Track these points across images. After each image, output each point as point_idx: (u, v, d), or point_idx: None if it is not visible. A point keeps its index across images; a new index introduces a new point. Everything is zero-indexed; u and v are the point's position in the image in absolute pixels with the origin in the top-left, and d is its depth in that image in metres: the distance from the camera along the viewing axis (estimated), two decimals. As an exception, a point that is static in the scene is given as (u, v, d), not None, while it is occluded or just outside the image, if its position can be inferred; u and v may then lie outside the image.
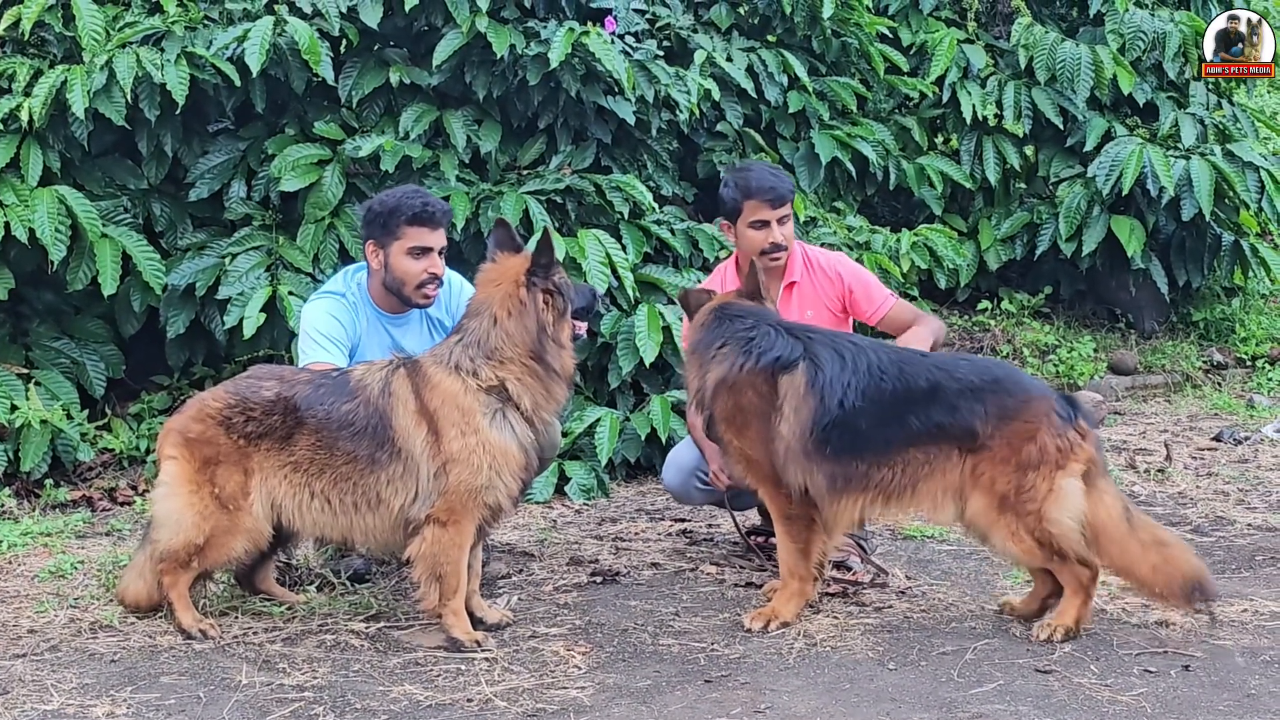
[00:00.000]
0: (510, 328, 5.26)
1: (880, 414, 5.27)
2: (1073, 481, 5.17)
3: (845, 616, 5.58)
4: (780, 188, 6.15)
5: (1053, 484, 5.14)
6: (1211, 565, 6.26)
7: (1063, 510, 5.15)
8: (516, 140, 8.68)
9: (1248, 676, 4.90)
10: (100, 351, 7.97)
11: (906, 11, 11.25)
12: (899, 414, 5.27)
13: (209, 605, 5.66)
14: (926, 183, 10.68)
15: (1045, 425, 5.18)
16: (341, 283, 6.06)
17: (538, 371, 5.28)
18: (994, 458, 5.19)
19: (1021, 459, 5.16)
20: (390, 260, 5.84)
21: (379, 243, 5.85)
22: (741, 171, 6.30)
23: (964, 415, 5.22)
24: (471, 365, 5.25)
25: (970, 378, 5.27)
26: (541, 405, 5.33)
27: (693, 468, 6.42)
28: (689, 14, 9.83)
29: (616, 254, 8.10)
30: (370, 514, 5.31)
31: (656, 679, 4.95)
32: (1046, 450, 5.16)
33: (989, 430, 5.20)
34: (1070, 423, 5.20)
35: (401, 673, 5.01)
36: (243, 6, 8.11)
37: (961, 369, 5.33)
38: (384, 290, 5.94)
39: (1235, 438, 9.10)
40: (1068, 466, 5.16)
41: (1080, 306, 11.80)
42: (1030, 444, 5.16)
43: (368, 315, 6.00)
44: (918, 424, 5.26)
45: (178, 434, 5.38)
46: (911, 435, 5.26)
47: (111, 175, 8.11)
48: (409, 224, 5.79)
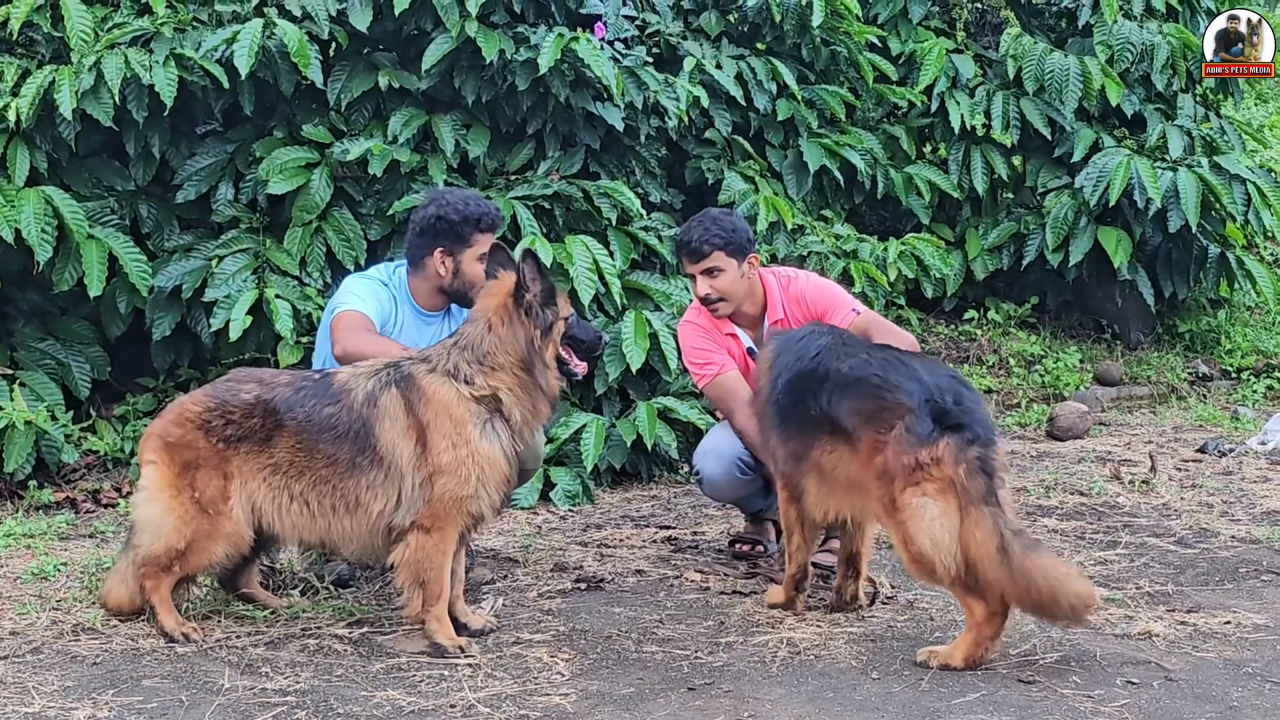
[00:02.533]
0: (503, 334, 5.31)
1: (796, 396, 5.32)
2: (925, 501, 4.92)
3: (829, 625, 5.58)
4: (694, 242, 6.07)
5: (907, 500, 4.95)
6: (1195, 577, 6.29)
7: (919, 530, 4.94)
8: (505, 145, 8.68)
9: (1230, 688, 4.91)
10: (86, 353, 7.95)
11: (896, 21, 11.26)
12: (804, 397, 5.28)
13: (192, 609, 5.65)
14: (914, 192, 10.69)
15: (893, 438, 4.99)
16: (384, 273, 6.13)
17: (527, 383, 5.32)
18: (865, 460, 5.11)
19: (877, 467, 5.05)
20: (462, 266, 5.92)
21: (449, 250, 5.92)
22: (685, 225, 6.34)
23: (837, 410, 5.17)
24: (467, 371, 5.28)
25: (849, 373, 5.17)
26: (529, 419, 5.37)
27: (734, 455, 6.32)
28: (678, 21, 9.85)
29: (604, 260, 8.10)
30: (348, 517, 5.31)
31: (640, 686, 4.94)
32: (891, 464, 4.98)
33: (857, 430, 5.12)
34: (924, 441, 4.93)
35: (385, 678, 5.00)
36: (232, 9, 8.10)
37: (851, 362, 5.21)
38: (436, 292, 6.02)
39: (1220, 450, 9.12)
40: (920, 485, 4.93)
41: (1066, 317, 11.82)
42: (880, 454, 5.03)
43: (406, 311, 6.06)
44: (814, 410, 5.25)
45: (158, 438, 5.37)
46: (812, 420, 5.26)
47: (99, 176, 8.10)
48: (480, 231, 5.90)
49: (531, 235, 7.97)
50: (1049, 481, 8.19)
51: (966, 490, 4.90)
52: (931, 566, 4.95)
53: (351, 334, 5.72)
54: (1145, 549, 6.80)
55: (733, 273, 6.10)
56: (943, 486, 4.92)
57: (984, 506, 4.89)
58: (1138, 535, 7.05)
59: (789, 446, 5.43)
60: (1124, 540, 6.94)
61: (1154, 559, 6.63)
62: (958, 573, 4.92)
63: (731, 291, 6.13)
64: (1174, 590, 6.11)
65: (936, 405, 4.99)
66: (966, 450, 4.93)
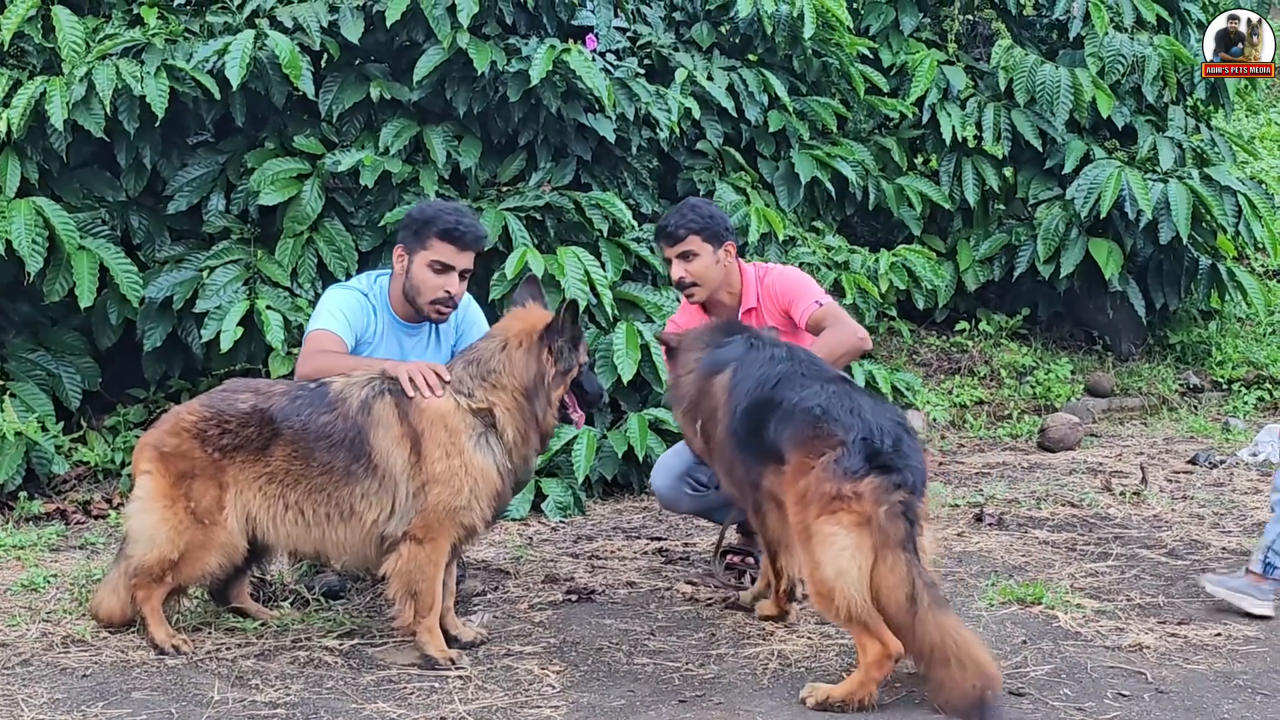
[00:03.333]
0: (515, 358, 5.34)
1: (752, 425, 5.27)
2: (838, 531, 4.80)
3: (820, 636, 5.57)
4: (670, 226, 6.17)
5: (819, 527, 4.84)
6: (1186, 589, 6.29)
7: (825, 557, 4.81)
8: (496, 157, 8.68)
9: (1221, 700, 4.92)
10: (76, 364, 7.94)
11: (887, 33, 11.29)
12: (759, 428, 5.23)
13: (182, 620, 5.64)
14: (906, 203, 10.71)
15: (819, 464, 4.89)
16: (365, 282, 6.04)
17: (524, 409, 5.34)
18: (788, 483, 5.04)
19: (797, 490, 4.97)
20: (411, 268, 5.81)
21: (407, 248, 5.83)
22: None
23: (779, 437, 5.11)
24: (470, 385, 5.31)
25: (798, 403, 5.10)
26: (521, 441, 5.37)
27: (683, 473, 6.41)
28: (670, 32, 9.85)
29: (595, 271, 8.10)
30: (342, 526, 5.30)
31: (631, 699, 4.94)
32: (811, 490, 4.88)
33: (789, 455, 5.05)
34: (849, 474, 4.81)
35: (375, 690, 4.99)
36: (223, 20, 8.11)
37: (805, 393, 5.13)
38: (402, 297, 5.93)
39: (1211, 461, 9.13)
40: (836, 515, 4.80)
41: (1058, 328, 11.84)
42: (803, 478, 4.95)
43: (385, 320, 5.97)
44: (767, 437, 5.19)
45: (153, 448, 5.36)
46: (767, 448, 5.21)
47: (90, 187, 8.09)
48: (438, 238, 5.74)
49: (523, 246, 7.97)
50: (1040, 493, 8.19)
51: (884, 532, 4.76)
52: (831, 596, 4.79)
53: (310, 358, 5.67)
54: (1136, 560, 6.80)
55: (707, 258, 6.15)
56: (859, 521, 4.78)
57: (900, 551, 4.74)
58: (1129, 547, 7.06)
59: (750, 475, 5.39)
60: (1115, 552, 6.95)
61: (1145, 570, 6.63)
62: (859, 609, 4.76)
63: (706, 277, 6.17)
64: (1165, 602, 6.12)
65: (872, 445, 4.89)
66: (892, 493, 4.81)
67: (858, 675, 4.82)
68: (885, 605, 4.75)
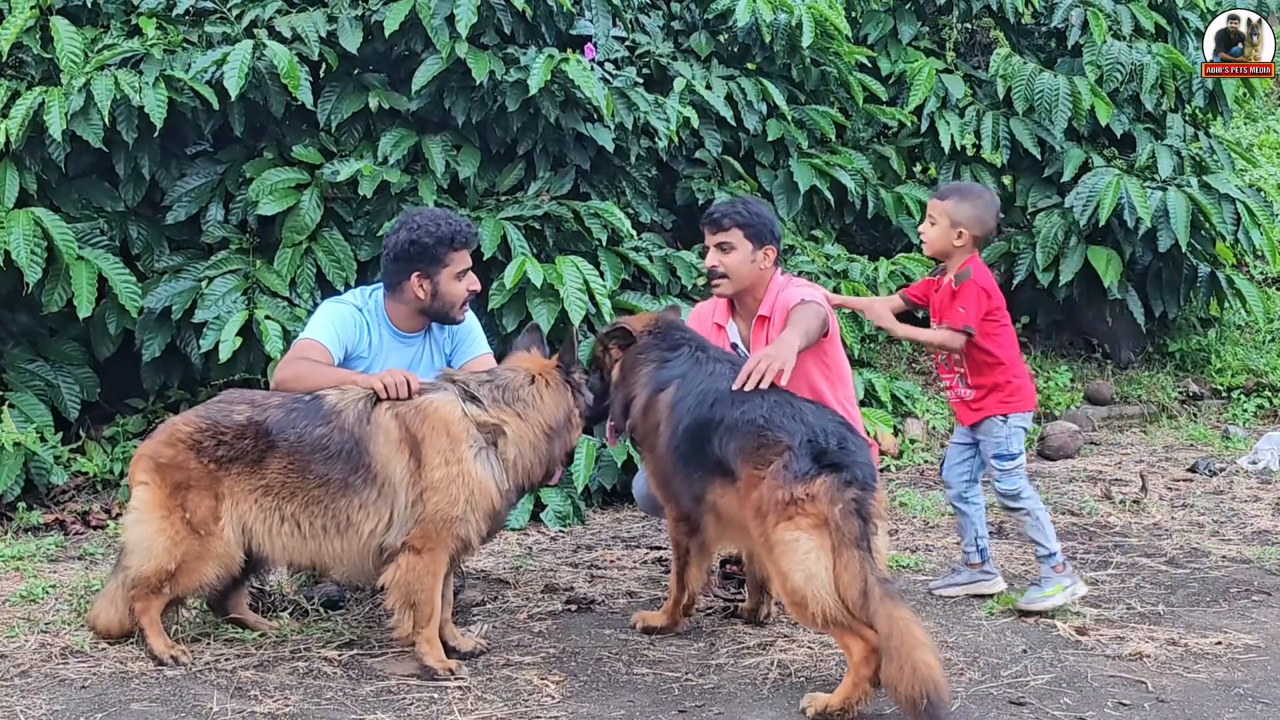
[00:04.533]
0: (548, 396, 5.45)
1: (695, 442, 5.30)
2: (799, 535, 4.85)
3: (820, 646, 5.57)
4: (717, 213, 6.22)
5: (780, 535, 4.88)
6: (1186, 597, 6.29)
7: (793, 564, 4.85)
8: (495, 166, 8.68)
9: (1221, 709, 4.91)
10: (75, 374, 7.94)
11: (885, 41, 11.29)
12: (701, 445, 5.27)
13: (181, 631, 5.63)
14: (905, 211, 10.70)
15: (769, 473, 4.95)
16: (359, 297, 6.09)
17: (539, 446, 5.41)
18: (743, 498, 5.07)
19: (753, 503, 5.00)
20: (440, 287, 5.89)
21: (425, 273, 5.88)
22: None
23: (725, 452, 5.15)
24: (485, 399, 5.36)
25: (739, 417, 5.15)
26: (523, 468, 5.40)
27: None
28: (669, 42, 9.85)
29: (594, 281, 8.09)
30: (339, 538, 5.30)
31: (630, 709, 4.93)
32: (765, 499, 4.93)
33: (738, 469, 5.09)
34: (800, 477, 4.88)
35: (374, 701, 4.99)
36: (222, 30, 8.10)
37: (744, 407, 5.17)
38: (416, 314, 5.99)
39: (1210, 469, 9.13)
40: (794, 520, 4.86)
41: (1057, 336, 11.83)
42: (756, 490, 4.98)
43: (382, 334, 6.01)
44: (711, 453, 5.23)
45: (149, 459, 5.36)
46: (710, 464, 5.25)
47: (88, 197, 8.09)
48: (453, 249, 5.88)
49: (522, 255, 7.96)
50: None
51: (840, 530, 4.80)
52: (805, 603, 4.82)
53: (289, 363, 5.74)
54: (1136, 569, 6.80)
55: (744, 254, 6.15)
56: (817, 522, 4.84)
57: (855, 549, 4.78)
58: (1129, 555, 7.05)
59: (691, 490, 5.39)
60: (1115, 560, 6.95)
61: (1145, 579, 6.63)
62: (834, 610, 4.78)
63: (737, 272, 6.17)
64: (1165, 611, 6.11)
65: (818, 445, 4.95)
66: (844, 491, 4.85)
67: (849, 679, 4.81)
68: (840, 600, 4.79)
